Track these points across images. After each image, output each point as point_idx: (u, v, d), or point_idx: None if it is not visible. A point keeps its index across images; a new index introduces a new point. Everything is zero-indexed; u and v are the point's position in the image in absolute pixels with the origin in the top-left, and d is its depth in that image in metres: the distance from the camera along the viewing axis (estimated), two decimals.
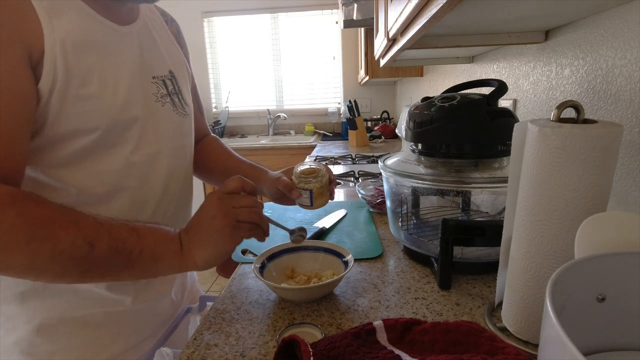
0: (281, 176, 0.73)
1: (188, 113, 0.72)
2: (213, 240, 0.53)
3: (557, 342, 0.25)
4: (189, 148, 0.74)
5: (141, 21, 0.64)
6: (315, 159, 2.10)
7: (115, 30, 0.58)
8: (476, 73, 1.24)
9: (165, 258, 0.52)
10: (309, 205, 0.70)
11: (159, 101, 0.65)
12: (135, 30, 0.62)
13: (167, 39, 0.71)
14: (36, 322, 0.58)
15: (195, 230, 0.54)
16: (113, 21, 0.58)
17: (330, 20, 3.36)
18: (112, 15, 0.58)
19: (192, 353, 0.51)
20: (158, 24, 0.70)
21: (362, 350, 0.43)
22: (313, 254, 0.72)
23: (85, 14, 0.54)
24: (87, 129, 0.54)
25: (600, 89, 0.62)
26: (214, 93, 3.59)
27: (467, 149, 0.69)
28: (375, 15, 1.27)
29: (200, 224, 0.54)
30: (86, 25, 0.53)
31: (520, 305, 0.48)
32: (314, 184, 0.68)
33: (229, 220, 0.53)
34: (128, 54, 0.60)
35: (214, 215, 0.53)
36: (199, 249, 0.53)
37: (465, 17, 0.65)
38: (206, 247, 0.53)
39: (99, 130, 0.55)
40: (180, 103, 0.70)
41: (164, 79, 0.67)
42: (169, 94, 0.67)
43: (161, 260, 0.52)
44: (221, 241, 0.53)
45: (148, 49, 0.64)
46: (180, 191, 0.71)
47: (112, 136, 0.57)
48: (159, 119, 0.64)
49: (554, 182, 0.42)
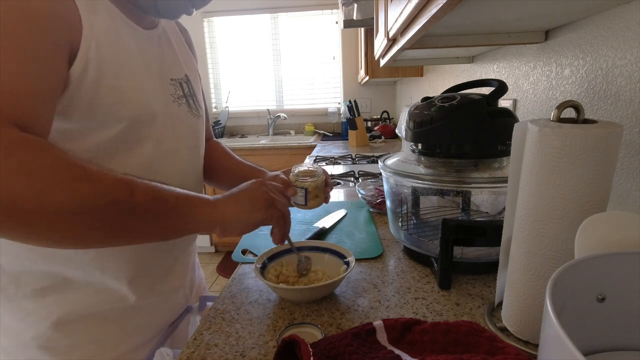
0: (279, 174, 0.77)
1: (201, 115, 0.76)
2: (247, 205, 0.56)
3: (557, 342, 0.25)
4: (202, 149, 0.78)
5: (161, 28, 0.68)
6: (315, 159, 2.10)
7: (140, 33, 0.62)
8: (476, 73, 1.24)
9: (199, 206, 0.53)
10: (304, 204, 0.72)
11: (176, 102, 0.68)
12: (156, 35, 0.66)
13: (182, 45, 0.75)
14: (55, 317, 0.59)
15: (233, 194, 0.57)
16: (138, 25, 0.62)
17: (330, 20, 3.36)
18: (137, 19, 0.62)
19: (192, 353, 0.51)
20: (174, 31, 0.74)
21: (362, 350, 0.43)
22: (314, 254, 0.72)
23: (115, 14, 0.57)
24: (115, 119, 0.56)
25: (600, 89, 0.62)
26: (214, 93, 3.59)
27: (467, 148, 0.69)
28: (375, 15, 1.27)
29: (239, 191, 0.57)
30: (116, 25, 0.57)
31: (520, 305, 0.48)
32: (309, 183, 0.70)
33: (267, 196, 0.57)
34: (151, 55, 0.63)
35: (254, 188, 0.58)
36: (231, 207, 0.55)
37: (465, 17, 0.65)
38: (238, 207, 0.55)
39: (125, 121, 0.57)
40: (194, 105, 0.73)
41: (181, 82, 0.70)
42: (185, 95, 0.71)
43: (195, 208, 0.52)
44: (253, 207, 0.56)
45: (167, 52, 0.68)
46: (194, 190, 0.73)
47: (136, 131, 0.59)
48: (176, 119, 0.67)
49: (554, 182, 0.42)
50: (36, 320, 0.59)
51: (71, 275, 0.59)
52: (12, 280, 0.58)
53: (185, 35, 0.78)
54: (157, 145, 0.63)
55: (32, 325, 0.59)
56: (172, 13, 0.62)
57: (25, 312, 0.59)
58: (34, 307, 0.59)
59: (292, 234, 0.91)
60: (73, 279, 0.59)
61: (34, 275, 0.58)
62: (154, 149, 0.62)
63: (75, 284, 0.60)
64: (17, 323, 0.59)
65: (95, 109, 0.53)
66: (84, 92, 0.52)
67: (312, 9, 3.32)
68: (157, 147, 0.63)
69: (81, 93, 0.52)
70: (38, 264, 0.58)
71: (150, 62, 0.63)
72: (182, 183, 0.67)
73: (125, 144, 0.58)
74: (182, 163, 0.69)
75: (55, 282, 0.59)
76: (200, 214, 0.53)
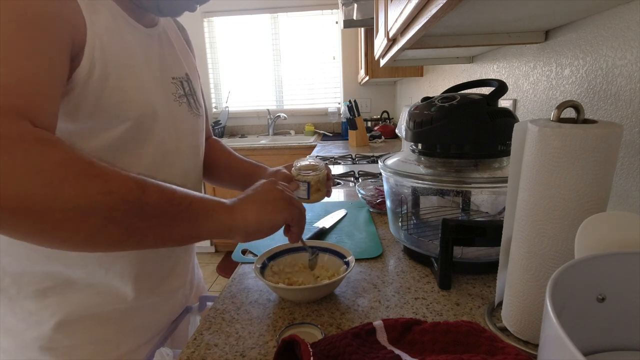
0: (281, 169, 0.77)
1: (201, 114, 0.76)
2: (268, 207, 0.54)
3: (557, 342, 0.25)
4: (202, 148, 0.77)
5: (160, 26, 0.68)
6: (315, 158, 2.10)
7: (141, 31, 0.62)
8: (476, 73, 1.24)
9: (216, 210, 0.50)
10: (306, 198, 0.72)
11: (177, 101, 0.68)
12: (156, 34, 0.66)
13: (182, 43, 0.75)
14: (58, 318, 0.59)
15: (249, 197, 0.55)
16: (139, 23, 0.61)
17: (330, 20, 3.36)
18: (138, 17, 0.61)
19: (192, 353, 0.51)
20: (173, 29, 0.73)
21: (362, 350, 0.43)
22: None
23: (117, 13, 0.57)
24: (120, 119, 0.56)
25: (600, 89, 0.62)
26: (214, 93, 3.59)
27: (467, 148, 0.69)
28: (375, 15, 1.27)
29: (256, 193, 0.55)
30: (118, 24, 0.57)
31: (520, 305, 0.48)
32: (312, 176, 0.71)
33: (285, 196, 0.56)
34: (152, 54, 0.63)
35: (271, 189, 0.56)
36: (252, 210, 0.53)
37: (465, 17, 0.65)
38: (259, 211, 0.53)
39: (130, 121, 0.57)
40: (195, 104, 0.73)
41: (182, 81, 0.70)
42: (186, 94, 0.71)
43: (212, 212, 0.50)
44: (275, 208, 0.54)
45: (167, 51, 0.68)
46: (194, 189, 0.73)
47: (139, 130, 0.59)
48: (177, 118, 0.67)
49: (554, 182, 0.42)
50: (38, 320, 0.59)
51: (74, 275, 0.59)
52: (15, 281, 0.58)
53: (183, 34, 0.78)
54: (159, 145, 0.63)
55: (34, 325, 0.59)
56: (174, 10, 0.62)
57: (27, 313, 0.59)
58: (36, 307, 0.59)
59: None
60: (75, 279, 0.59)
61: (36, 276, 0.58)
62: (156, 148, 0.62)
63: (77, 284, 0.60)
64: (19, 324, 0.59)
65: (100, 109, 0.53)
66: (90, 92, 0.52)
67: (312, 9, 3.32)
68: (159, 146, 0.63)
69: (87, 93, 0.51)
70: (41, 265, 0.57)
71: (152, 60, 0.63)
72: (183, 182, 0.68)
73: (129, 144, 0.58)
74: (183, 163, 0.69)
75: (58, 283, 0.59)
76: (217, 220, 0.50)
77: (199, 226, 0.48)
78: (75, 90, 0.50)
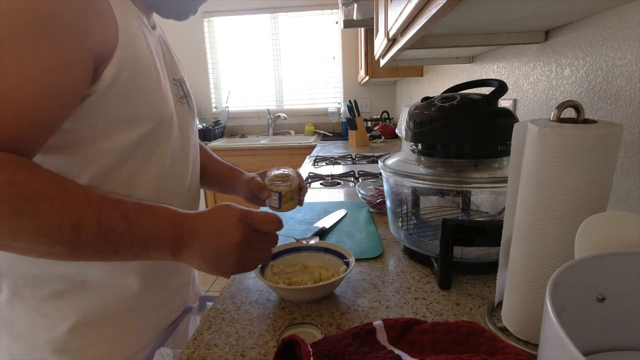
0: (255, 177, 0.78)
1: (195, 115, 0.77)
2: (213, 261, 0.50)
3: (557, 342, 0.25)
4: (198, 147, 0.79)
5: (158, 28, 0.69)
6: (315, 159, 2.09)
7: (152, 33, 0.63)
8: (476, 73, 1.24)
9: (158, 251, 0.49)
10: (277, 207, 0.74)
11: (179, 102, 0.69)
12: (157, 35, 0.67)
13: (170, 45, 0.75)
14: (72, 320, 0.59)
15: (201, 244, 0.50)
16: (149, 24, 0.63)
17: (330, 20, 3.36)
18: (148, 18, 0.62)
19: (192, 353, 0.51)
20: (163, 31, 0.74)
21: (362, 350, 0.43)
22: (314, 254, 0.72)
23: (137, 15, 0.58)
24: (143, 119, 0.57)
25: (600, 89, 0.62)
26: (214, 93, 3.59)
27: (467, 148, 0.69)
28: (375, 15, 1.27)
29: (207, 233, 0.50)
30: (140, 26, 0.58)
31: (520, 305, 0.48)
32: (283, 187, 0.72)
33: (241, 259, 0.51)
34: (159, 55, 0.64)
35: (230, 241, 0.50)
36: (196, 261, 0.50)
37: (465, 17, 0.65)
38: (202, 264, 0.51)
39: (153, 120, 0.58)
40: (191, 105, 0.75)
41: (180, 82, 0.71)
42: (185, 95, 0.72)
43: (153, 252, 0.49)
44: (218, 269, 0.51)
45: (167, 53, 0.69)
46: (196, 187, 0.77)
47: (159, 130, 0.60)
48: (181, 118, 0.69)
49: (554, 182, 0.42)
50: (52, 323, 0.59)
51: (90, 276, 0.59)
52: (29, 283, 0.57)
53: None
54: (172, 144, 0.64)
55: (47, 328, 0.59)
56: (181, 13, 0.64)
57: (41, 315, 0.58)
58: (50, 310, 0.58)
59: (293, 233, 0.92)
60: (91, 280, 0.59)
61: (52, 278, 0.57)
62: (169, 147, 0.64)
63: (92, 285, 0.59)
64: (31, 327, 0.59)
65: (125, 108, 0.54)
66: (116, 92, 0.52)
67: (312, 9, 3.32)
68: (172, 145, 0.64)
69: (113, 94, 0.52)
70: (57, 267, 0.57)
71: (161, 62, 0.64)
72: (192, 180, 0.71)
73: (149, 144, 0.59)
74: (188, 162, 0.71)
75: (73, 285, 0.58)
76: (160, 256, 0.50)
77: (139, 258, 0.49)
78: (100, 90, 0.50)
